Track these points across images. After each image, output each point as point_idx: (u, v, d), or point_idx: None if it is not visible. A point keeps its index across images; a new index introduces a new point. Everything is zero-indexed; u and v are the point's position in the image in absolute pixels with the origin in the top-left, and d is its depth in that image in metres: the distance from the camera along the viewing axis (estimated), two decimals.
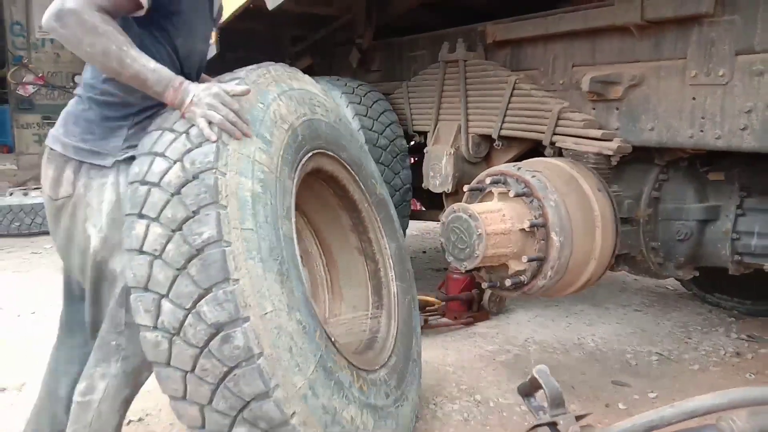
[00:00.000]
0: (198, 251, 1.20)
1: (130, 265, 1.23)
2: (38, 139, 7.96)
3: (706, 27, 1.82)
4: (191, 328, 1.20)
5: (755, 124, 1.73)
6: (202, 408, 1.25)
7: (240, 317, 1.20)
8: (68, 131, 1.32)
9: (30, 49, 7.75)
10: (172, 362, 1.23)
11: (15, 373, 2.31)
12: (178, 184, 1.23)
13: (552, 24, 2.24)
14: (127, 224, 1.25)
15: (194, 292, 1.20)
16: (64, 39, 1.21)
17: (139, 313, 1.23)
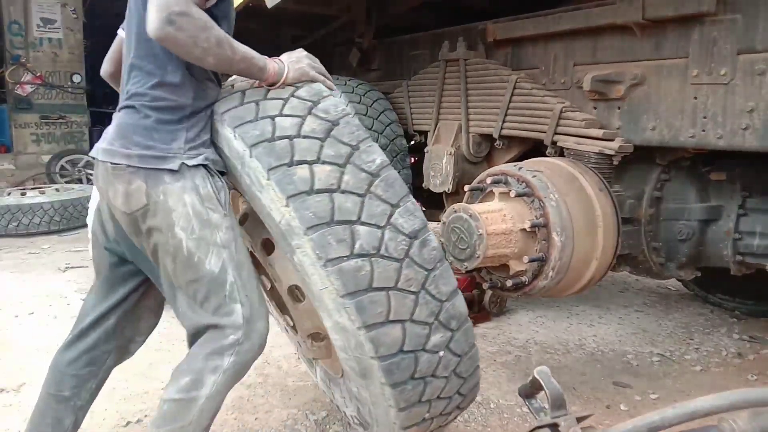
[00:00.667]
0: (375, 175, 1.29)
1: (303, 206, 1.22)
2: (36, 138, 7.95)
3: (707, 26, 1.81)
4: (392, 242, 1.25)
5: (757, 123, 1.72)
6: (404, 325, 1.26)
7: (424, 222, 1.30)
8: (128, 142, 1.28)
9: (28, 48, 7.74)
10: (375, 283, 1.23)
11: (13, 374, 2.30)
12: (323, 129, 1.31)
13: (553, 23, 2.23)
14: (281, 174, 1.24)
15: (386, 209, 1.27)
16: (181, 42, 1.18)
17: (330, 247, 1.21)
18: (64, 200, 4.93)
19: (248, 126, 1.31)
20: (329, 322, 1.29)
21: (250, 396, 2.13)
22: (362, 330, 1.22)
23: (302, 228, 1.22)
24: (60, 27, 7.94)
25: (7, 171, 7.70)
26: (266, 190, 1.26)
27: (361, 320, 1.22)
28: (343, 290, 1.21)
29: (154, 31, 1.17)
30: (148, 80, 1.29)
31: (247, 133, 1.30)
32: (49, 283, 3.54)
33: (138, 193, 1.27)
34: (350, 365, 1.32)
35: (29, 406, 2.05)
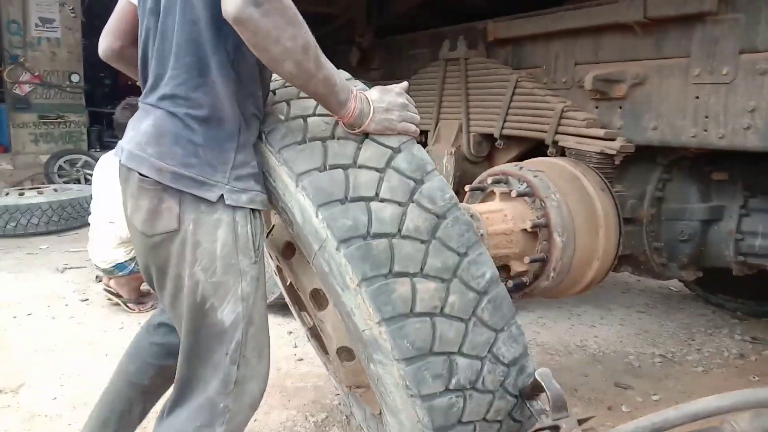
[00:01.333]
0: (483, 293, 1.11)
1: (399, 334, 1.04)
2: (34, 138, 7.93)
3: (709, 25, 1.80)
4: (490, 375, 1.11)
5: (759, 123, 1.71)
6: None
7: (527, 347, 1.16)
8: (163, 153, 1.05)
9: (26, 47, 7.72)
10: (464, 418, 1.10)
11: (11, 375, 2.29)
12: (429, 228, 1.09)
13: (554, 22, 2.22)
14: (377, 289, 1.04)
15: (490, 338, 1.11)
16: (262, 31, 0.95)
17: (425, 383, 1.06)
18: (63, 200, 4.90)
19: (336, 210, 1.07)
20: (393, 420, 1.18)
21: None
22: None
23: (394, 355, 1.05)
24: (58, 26, 7.92)
25: (6, 171, 7.68)
26: (353, 295, 1.08)
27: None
28: (432, 425, 1.07)
29: (234, 8, 0.93)
30: (189, 77, 1.06)
31: (336, 221, 1.07)
32: (48, 283, 3.52)
33: (168, 214, 1.06)
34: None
35: (28, 406, 2.04)
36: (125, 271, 3.01)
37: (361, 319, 1.08)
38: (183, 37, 1.06)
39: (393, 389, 1.10)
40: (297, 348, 2.55)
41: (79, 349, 2.55)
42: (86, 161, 7.40)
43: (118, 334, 2.71)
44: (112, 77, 10.54)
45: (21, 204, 4.78)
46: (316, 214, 1.09)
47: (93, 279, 3.55)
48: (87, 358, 2.45)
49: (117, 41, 1.29)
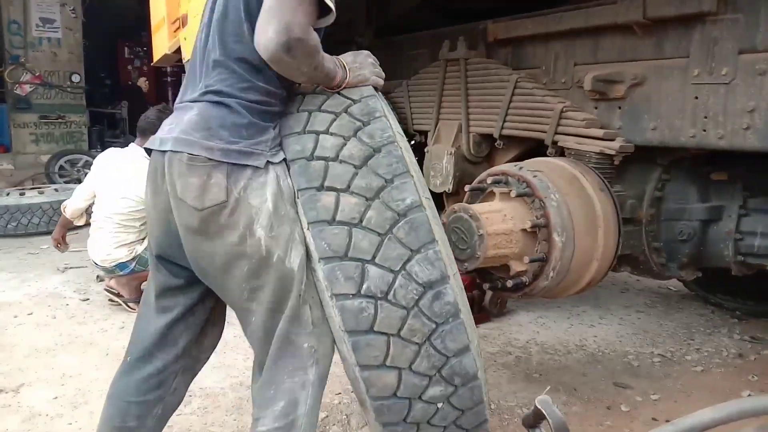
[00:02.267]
0: (401, 215, 1.24)
1: (320, 236, 1.20)
2: (35, 138, 7.95)
3: (708, 25, 1.80)
4: (402, 289, 1.22)
5: (758, 123, 1.71)
6: (400, 372, 1.25)
7: (447, 275, 1.25)
8: (212, 135, 1.19)
9: (27, 48, 7.73)
10: (376, 327, 1.22)
11: (12, 375, 2.29)
12: (362, 156, 1.26)
13: (553, 22, 2.22)
14: (308, 198, 1.23)
15: (404, 254, 1.23)
16: (288, 68, 1.18)
17: (338, 282, 1.20)
18: (63, 200, 4.91)
19: (293, 138, 1.29)
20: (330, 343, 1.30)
21: (249, 397, 2.12)
22: (357, 367, 1.23)
23: (317, 256, 1.22)
24: (59, 27, 7.94)
25: (6, 171, 7.69)
26: (293, 207, 1.26)
27: (356, 359, 1.22)
28: (344, 326, 1.21)
29: (268, 53, 1.13)
30: (239, 82, 1.23)
31: (290, 147, 1.28)
32: (48, 283, 3.53)
33: (216, 187, 1.18)
34: (354, 386, 1.32)
35: (28, 406, 2.04)
36: (126, 271, 3.01)
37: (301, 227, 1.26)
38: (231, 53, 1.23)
39: (323, 295, 1.25)
40: None
41: (80, 348, 2.55)
42: (87, 161, 7.41)
43: (118, 333, 2.72)
44: (113, 78, 10.54)
45: (22, 204, 4.79)
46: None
47: (94, 279, 3.56)
48: (87, 357, 2.46)
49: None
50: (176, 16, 4.04)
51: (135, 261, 3.02)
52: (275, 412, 1.21)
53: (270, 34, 1.11)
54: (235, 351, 2.43)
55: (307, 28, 1.15)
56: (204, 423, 1.95)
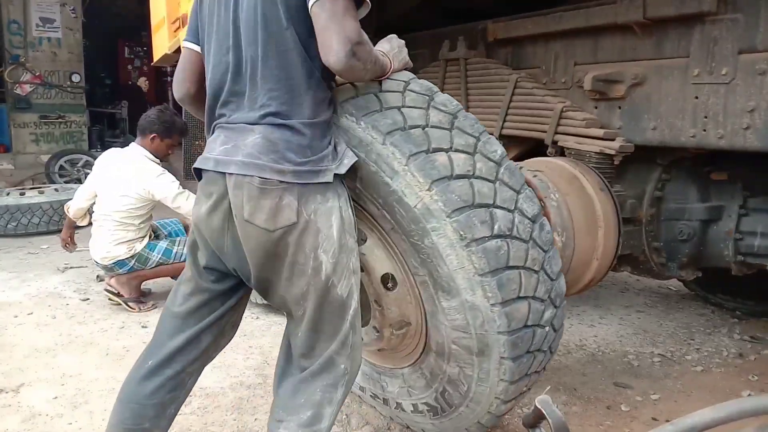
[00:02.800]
0: (499, 163, 1.40)
1: (447, 190, 1.28)
2: (35, 138, 7.95)
3: (708, 25, 1.80)
4: (521, 225, 1.37)
5: (758, 123, 1.71)
6: (528, 301, 1.37)
7: (541, 207, 1.45)
8: (281, 158, 1.22)
9: (27, 47, 7.73)
10: (511, 262, 1.33)
11: (12, 375, 2.29)
12: (448, 121, 1.39)
13: (553, 22, 2.22)
14: (423, 160, 1.31)
15: (513, 195, 1.38)
16: (358, 72, 1.25)
17: (475, 227, 1.30)
18: (63, 200, 4.90)
19: (377, 115, 1.35)
20: (454, 302, 1.37)
21: (250, 396, 2.12)
22: (497, 306, 1.32)
23: (447, 210, 1.29)
24: (59, 26, 7.93)
25: (6, 171, 7.69)
26: (401, 176, 1.32)
27: (500, 296, 1.31)
28: (486, 268, 1.30)
29: (340, 65, 1.19)
30: (293, 97, 1.25)
31: (378, 122, 1.34)
32: (48, 283, 3.53)
33: (288, 209, 1.22)
34: (465, 344, 1.42)
35: (28, 406, 2.04)
36: (125, 268, 3.02)
37: (412, 194, 1.32)
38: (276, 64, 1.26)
39: (449, 251, 1.32)
40: None
41: (80, 348, 2.55)
42: (87, 161, 7.41)
43: (118, 333, 2.72)
44: (113, 77, 10.55)
45: (22, 204, 4.79)
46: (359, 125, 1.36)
47: (94, 279, 3.56)
48: (87, 357, 2.46)
49: (193, 86, 1.49)
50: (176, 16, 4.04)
51: (134, 259, 3.02)
52: (301, 420, 1.26)
53: (335, 46, 1.18)
54: (235, 351, 2.43)
55: (360, 30, 1.21)
56: (204, 423, 1.95)
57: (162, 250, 3.07)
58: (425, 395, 1.68)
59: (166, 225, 3.41)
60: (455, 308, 1.39)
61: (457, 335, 1.44)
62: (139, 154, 3.03)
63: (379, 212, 1.42)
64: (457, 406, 1.58)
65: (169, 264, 3.09)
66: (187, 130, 3.52)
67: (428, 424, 1.72)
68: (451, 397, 1.58)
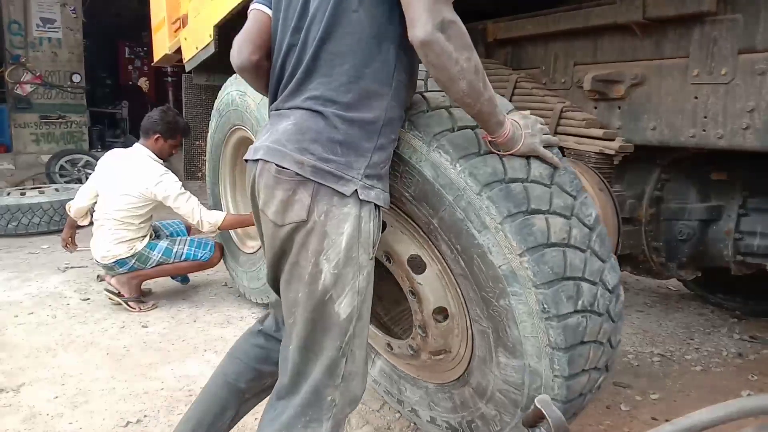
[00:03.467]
0: (592, 230, 1.29)
1: (543, 260, 1.18)
2: (36, 138, 7.96)
3: (708, 25, 1.80)
4: (601, 299, 1.28)
5: (758, 123, 1.71)
6: (590, 373, 1.31)
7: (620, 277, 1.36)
8: (304, 148, 1.12)
9: (28, 47, 7.74)
10: (586, 338, 1.26)
11: (12, 374, 2.29)
12: (549, 175, 1.28)
13: (553, 22, 2.22)
14: (520, 223, 1.20)
15: (601, 267, 1.29)
16: (446, 54, 1.05)
17: (561, 303, 1.21)
18: (64, 200, 4.91)
19: (477, 161, 1.23)
20: (515, 362, 1.32)
21: None
22: (560, 379, 1.26)
23: (535, 281, 1.21)
24: (60, 27, 7.95)
25: (7, 171, 7.70)
26: (492, 233, 1.23)
27: (568, 371, 1.25)
28: (562, 344, 1.23)
29: (425, 35, 1.04)
30: (341, 81, 1.13)
31: (478, 169, 1.22)
32: (49, 283, 3.53)
33: (299, 205, 1.12)
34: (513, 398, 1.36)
35: (28, 406, 2.05)
36: (126, 267, 3.02)
37: (499, 254, 1.23)
38: (341, 49, 1.14)
39: (525, 317, 1.24)
40: None
41: (80, 348, 2.56)
42: (87, 161, 7.41)
43: (119, 333, 2.72)
44: (113, 78, 10.55)
45: (22, 204, 4.79)
46: (454, 166, 1.24)
47: (94, 278, 3.56)
48: (88, 357, 2.46)
49: (256, 53, 1.31)
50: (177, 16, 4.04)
51: (135, 258, 3.02)
52: None
53: (422, 16, 1.04)
54: None
55: (453, 10, 1.08)
56: None
57: (162, 250, 3.07)
58: (449, 416, 1.62)
59: (168, 225, 3.41)
60: (514, 367, 1.33)
61: (506, 388, 1.38)
62: (143, 155, 3.04)
63: (452, 255, 1.33)
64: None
65: (169, 263, 3.09)
66: (189, 131, 3.53)
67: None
68: (478, 429, 1.53)
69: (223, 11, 2.98)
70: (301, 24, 1.20)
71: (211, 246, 3.15)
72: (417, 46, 1.07)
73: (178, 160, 4.28)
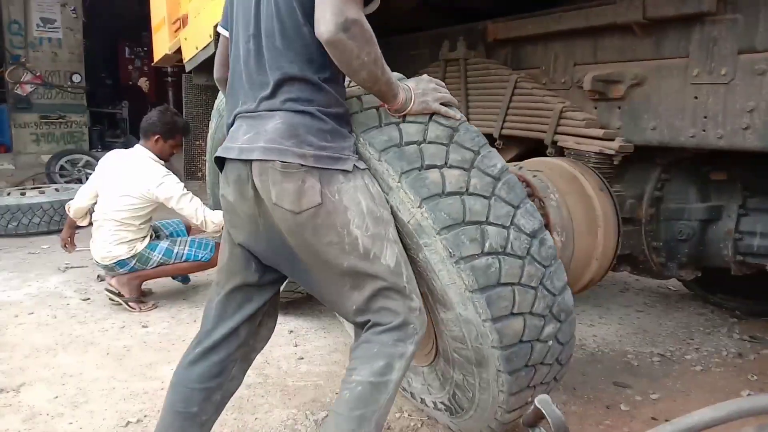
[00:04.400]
0: (497, 179, 1.39)
1: (437, 208, 1.31)
2: (36, 138, 7.96)
3: (708, 25, 1.81)
4: (516, 241, 1.36)
5: (757, 123, 1.72)
6: (524, 317, 1.38)
7: (542, 222, 1.43)
8: (301, 142, 1.25)
9: (28, 48, 7.75)
10: (503, 279, 1.34)
11: (13, 374, 2.29)
12: (446, 135, 1.39)
13: (553, 22, 2.22)
14: (414, 178, 1.32)
15: (510, 211, 1.38)
16: (348, 50, 1.19)
17: (464, 246, 1.31)
18: (64, 200, 4.90)
19: (374, 132, 1.37)
20: (450, 314, 1.40)
21: (250, 396, 2.13)
22: (488, 322, 1.34)
23: (436, 228, 1.31)
24: (60, 27, 7.95)
25: (7, 171, 7.70)
26: (395, 192, 1.34)
27: (490, 313, 1.33)
28: (475, 285, 1.31)
29: (328, 34, 1.17)
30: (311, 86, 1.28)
31: (375, 139, 1.36)
32: (49, 283, 3.54)
33: (312, 191, 1.25)
34: (464, 354, 1.46)
35: (29, 406, 2.05)
36: (126, 268, 3.02)
37: (405, 211, 1.34)
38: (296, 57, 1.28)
39: (440, 266, 1.34)
40: (297, 347, 2.56)
41: (80, 348, 2.56)
42: (87, 161, 7.41)
43: (119, 333, 2.72)
44: (113, 78, 10.55)
45: (22, 204, 4.80)
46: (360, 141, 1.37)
47: (94, 278, 3.57)
48: (88, 357, 2.46)
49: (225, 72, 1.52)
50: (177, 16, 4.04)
51: (135, 259, 3.02)
52: (374, 369, 1.29)
53: (327, 16, 1.16)
54: None
55: (360, 11, 1.20)
56: None
57: (163, 250, 3.07)
58: (441, 395, 1.71)
59: (168, 225, 3.41)
60: (452, 320, 1.42)
61: (456, 345, 1.47)
62: (144, 156, 3.04)
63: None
64: (466, 409, 1.61)
65: (170, 264, 3.09)
66: (189, 130, 3.53)
67: (449, 422, 1.76)
68: (461, 400, 1.62)
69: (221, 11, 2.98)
70: (255, 32, 1.33)
71: (212, 246, 3.15)
72: (323, 44, 1.20)
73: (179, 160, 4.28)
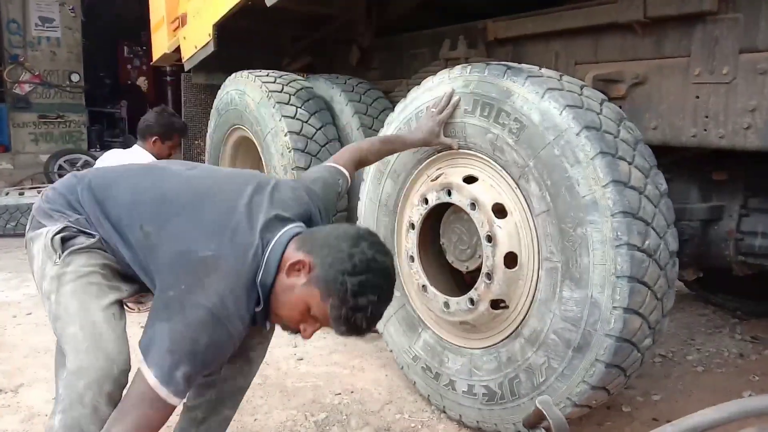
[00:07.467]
0: (662, 196, 1.59)
1: (622, 193, 1.45)
2: (34, 138, 7.94)
3: (709, 24, 1.80)
4: (663, 253, 1.52)
5: (759, 123, 1.71)
6: (643, 320, 1.50)
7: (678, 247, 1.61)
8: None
9: (26, 47, 7.73)
10: (646, 278, 1.47)
11: (11, 375, 2.29)
12: (634, 140, 1.61)
13: (554, 21, 2.22)
14: (609, 160, 1.48)
15: (665, 226, 1.55)
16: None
17: (632, 234, 1.45)
18: None
19: (579, 110, 1.55)
20: (578, 294, 1.51)
21: (249, 397, 2.11)
22: (619, 310, 1.45)
23: (613, 210, 1.45)
24: (58, 26, 7.93)
25: (6, 170, 7.69)
26: (581, 166, 1.49)
27: (627, 302, 1.44)
28: (627, 272, 1.44)
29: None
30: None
31: (580, 115, 1.53)
32: None
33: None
34: (567, 337, 1.54)
35: (27, 406, 2.04)
36: None
37: (585, 186, 1.49)
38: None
39: (598, 245, 1.47)
40: (297, 348, 2.55)
41: None
42: (86, 161, 7.40)
43: None
44: (112, 77, 10.54)
45: (21, 203, 4.79)
46: (558, 111, 1.56)
47: None
48: None
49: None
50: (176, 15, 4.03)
51: None
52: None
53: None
54: None
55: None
56: None
57: None
58: (491, 378, 1.76)
59: None
60: (576, 300, 1.52)
61: (563, 326, 1.55)
62: (143, 157, 3.03)
63: (540, 193, 1.58)
64: (521, 396, 1.66)
65: None
66: (186, 130, 3.52)
67: (474, 409, 1.78)
68: (520, 385, 1.67)
69: (222, 10, 2.98)
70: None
71: None
72: None
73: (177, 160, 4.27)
